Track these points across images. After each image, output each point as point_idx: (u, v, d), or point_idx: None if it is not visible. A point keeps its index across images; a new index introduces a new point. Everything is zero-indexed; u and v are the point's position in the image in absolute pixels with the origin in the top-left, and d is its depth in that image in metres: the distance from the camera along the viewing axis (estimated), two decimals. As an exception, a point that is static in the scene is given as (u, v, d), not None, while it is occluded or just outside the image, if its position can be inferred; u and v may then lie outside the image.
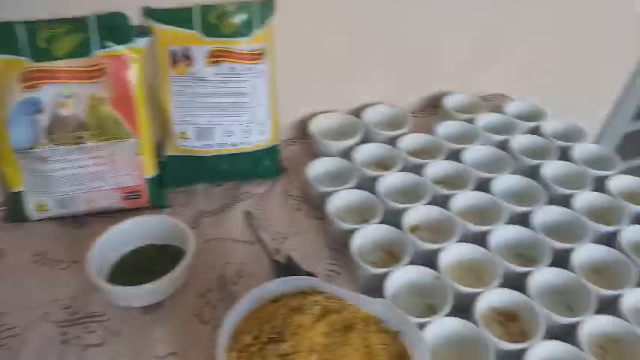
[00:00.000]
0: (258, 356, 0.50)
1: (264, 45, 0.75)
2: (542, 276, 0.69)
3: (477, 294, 0.65)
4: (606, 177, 0.86)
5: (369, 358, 0.52)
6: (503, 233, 0.74)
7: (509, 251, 0.76)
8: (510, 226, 0.75)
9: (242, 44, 0.73)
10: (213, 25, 0.72)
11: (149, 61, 0.74)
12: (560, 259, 0.73)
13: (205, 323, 0.65)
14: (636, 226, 0.76)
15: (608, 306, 0.68)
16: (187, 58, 0.73)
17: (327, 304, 0.56)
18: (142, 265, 0.69)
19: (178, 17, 0.72)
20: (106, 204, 0.77)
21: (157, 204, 0.80)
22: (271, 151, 0.84)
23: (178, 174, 0.81)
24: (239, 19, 0.73)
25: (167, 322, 0.65)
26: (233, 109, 0.77)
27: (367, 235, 0.74)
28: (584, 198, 0.81)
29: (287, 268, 0.72)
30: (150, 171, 0.77)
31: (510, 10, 1.03)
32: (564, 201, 0.81)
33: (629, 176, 0.86)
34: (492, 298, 0.67)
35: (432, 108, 1.08)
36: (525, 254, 0.76)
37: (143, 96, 0.73)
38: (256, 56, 0.75)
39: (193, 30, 0.72)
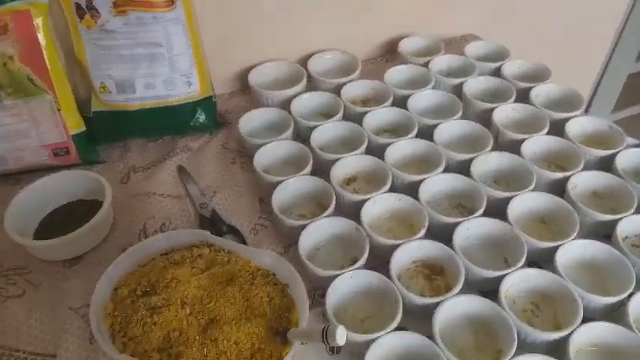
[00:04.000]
0: (130, 309, 0.49)
1: (173, -10, 0.70)
2: (474, 227, 0.64)
3: (396, 246, 0.61)
4: (566, 119, 0.78)
5: (246, 311, 0.49)
6: (436, 182, 0.70)
7: (447, 201, 0.71)
8: (446, 175, 0.70)
9: (148, -9, 0.69)
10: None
11: (60, 16, 0.71)
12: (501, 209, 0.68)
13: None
14: (588, 172, 0.70)
15: (547, 258, 0.63)
16: (92, 9, 0.69)
17: (215, 257, 0.53)
18: (69, 220, 0.68)
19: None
20: (37, 161, 0.75)
21: (87, 160, 0.78)
22: (205, 104, 0.80)
23: (107, 129, 0.79)
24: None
25: (84, 275, 0.64)
26: (149, 61, 0.73)
27: (295, 187, 0.70)
28: (536, 143, 0.75)
29: (212, 222, 0.70)
30: (74, 127, 0.75)
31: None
32: (515, 146, 0.75)
33: (589, 117, 0.79)
34: (416, 251, 0.63)
35: (391, 54, 1.01)
36: (465, 204, 0.71)
37: (55, 51, 0.71)
38: (165, 3, 0.70)
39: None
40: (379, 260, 0.62)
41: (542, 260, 0.64)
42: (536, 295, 0.60)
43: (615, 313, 0.58)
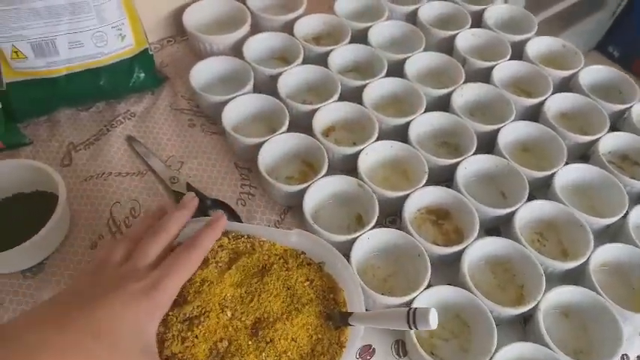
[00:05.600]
0: (160, 325, 0.41)
1: None
2: (472, 165, 0.63)
3: (405, 197, 0.59)
4: (525, 41, 0.78)
5: (293, 301, 0.44)
6: (422, 123, 0.67)
7: (433, 140, 0.69)
8: (431, 113, 0.67)
9: None
10: None
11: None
12: (488, 143, 0.67)
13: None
14: (559, 94, 0.71)
15: (542, 186, 0.64)
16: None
17: (236, 246, 0.46)
18: (12, 218, 0.56)
19: None
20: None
21: (11, 143, 0.63)
22: (142, 59, 0.68)
23: (27, 103, 0.64)
24: None
25: (56, 284, 0.54)
26: (71, 13, 0.59)
27: (276, 147, 0.63)
28: (505, 69, 0.74)
29: (188, 199, 0.61)
30: (-13, 106, 0.60)
31: None
32: (484, 74, 0.74)
33: (547, 37, 0.80)
34: (421, 198, 0.60)
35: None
36: (450, 142, 0.69)
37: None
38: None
39: None
40: (381, 213, 0.59)
41: (535, 189, 0.65)
42: (541, 224, 0.61)
43: (609, 231, 0.62)
